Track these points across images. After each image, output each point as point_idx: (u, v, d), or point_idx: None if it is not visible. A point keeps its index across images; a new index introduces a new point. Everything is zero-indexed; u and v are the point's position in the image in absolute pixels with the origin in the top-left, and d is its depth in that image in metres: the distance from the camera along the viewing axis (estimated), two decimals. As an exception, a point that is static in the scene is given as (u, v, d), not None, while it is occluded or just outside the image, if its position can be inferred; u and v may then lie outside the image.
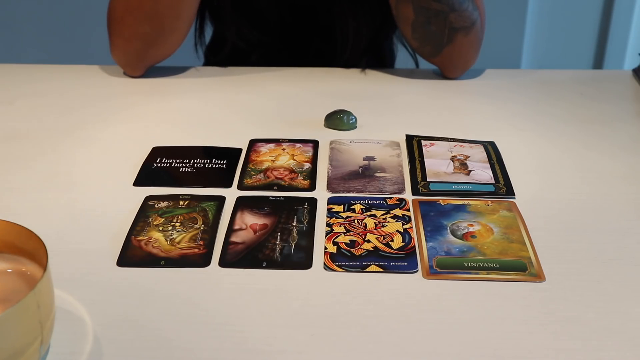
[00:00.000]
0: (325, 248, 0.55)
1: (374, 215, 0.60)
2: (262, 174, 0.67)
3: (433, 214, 0.60)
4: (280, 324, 0.47)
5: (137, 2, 0.85)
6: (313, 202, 0.62)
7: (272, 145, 0.73)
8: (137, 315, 0.48)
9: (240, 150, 0.72)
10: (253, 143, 0.73)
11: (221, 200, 0.62)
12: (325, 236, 0.57)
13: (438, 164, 0.68)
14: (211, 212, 0.60)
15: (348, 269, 0.53)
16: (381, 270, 0.53)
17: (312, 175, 0.67)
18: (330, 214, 0.60)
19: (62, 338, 0.46)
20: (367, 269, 0.53)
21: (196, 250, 0.55)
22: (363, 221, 0.59)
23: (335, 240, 0.56)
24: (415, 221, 0.59)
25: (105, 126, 0.78)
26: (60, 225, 0.59)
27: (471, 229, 0.58)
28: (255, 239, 0.56)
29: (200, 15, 0.99)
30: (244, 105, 0.84)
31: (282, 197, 0.63)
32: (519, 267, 0.53)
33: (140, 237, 0.56)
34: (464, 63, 0.91)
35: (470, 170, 0.67)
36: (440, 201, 0.62)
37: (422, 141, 0.73)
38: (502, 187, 0.64)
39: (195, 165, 0.69)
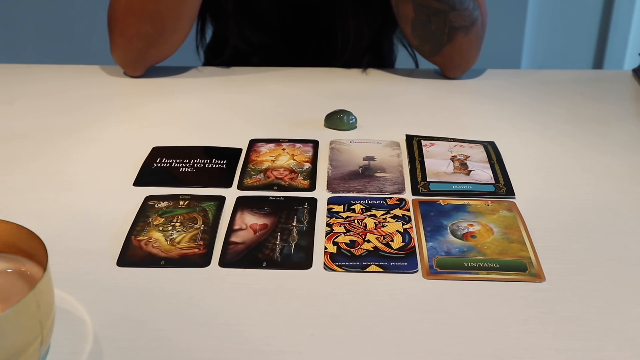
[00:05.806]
0: (325, 248, 0.55)
1: (374, 215, 0.60)
2: (262, 174, 0.67)
3: (433, 214, 0.60)
4: (280, 324, 0.47)
5: (140, 2, 0.85)
6: (313, 202, 0.62)
7: (272, 145, 0.73)
8: (137, 315, 0.48)
9: (240, 150, 0.72)
10: (253, 143, 0.73)
11: (221, 200, 0.62)
12: (325, 236, 0.57)
13: (438, 164, 0.68)
14: (211, 212, 0.60)
15: (348, 269, 0.53)
16: (381, 270, 0.53)
17: (312, 175, 0.67)
18: (330, 214, 0.60)
19: (62, 338, 0.46)
20: (367, 269, 0.53)
21: (196, 250, 0.55)
22: (363, 221, 0.59)
23: (335, 240, 0.56)
24: (415, 221, 0.59)
25: (105, 126, 0.78)
26: (60, 225, 0.59)
27: (471, 229, 0.58)
28: (255, 239, 0.56)
29: (202, 17, 0.99)
30: (244, 105, 0.84)
31: (282, 197, 0.63)
32: (519, 267, 0.53)
33: (140, 237, 0.56)
34: (465, 63, 0.91)
35: (470, 170, 0.67)
36: (440, 201, 0.62)
37: (422, 141, 0.73)
38: (502, 187, 0.64)
39: (195, 165, 0.69)
